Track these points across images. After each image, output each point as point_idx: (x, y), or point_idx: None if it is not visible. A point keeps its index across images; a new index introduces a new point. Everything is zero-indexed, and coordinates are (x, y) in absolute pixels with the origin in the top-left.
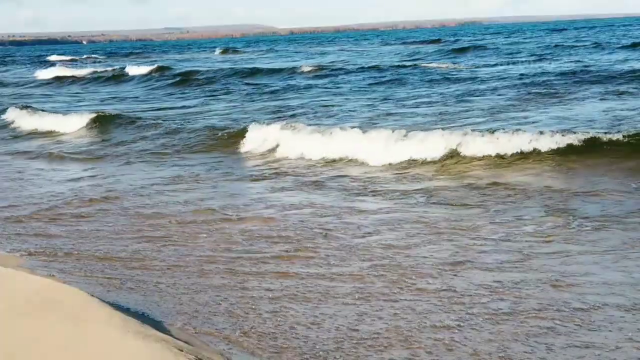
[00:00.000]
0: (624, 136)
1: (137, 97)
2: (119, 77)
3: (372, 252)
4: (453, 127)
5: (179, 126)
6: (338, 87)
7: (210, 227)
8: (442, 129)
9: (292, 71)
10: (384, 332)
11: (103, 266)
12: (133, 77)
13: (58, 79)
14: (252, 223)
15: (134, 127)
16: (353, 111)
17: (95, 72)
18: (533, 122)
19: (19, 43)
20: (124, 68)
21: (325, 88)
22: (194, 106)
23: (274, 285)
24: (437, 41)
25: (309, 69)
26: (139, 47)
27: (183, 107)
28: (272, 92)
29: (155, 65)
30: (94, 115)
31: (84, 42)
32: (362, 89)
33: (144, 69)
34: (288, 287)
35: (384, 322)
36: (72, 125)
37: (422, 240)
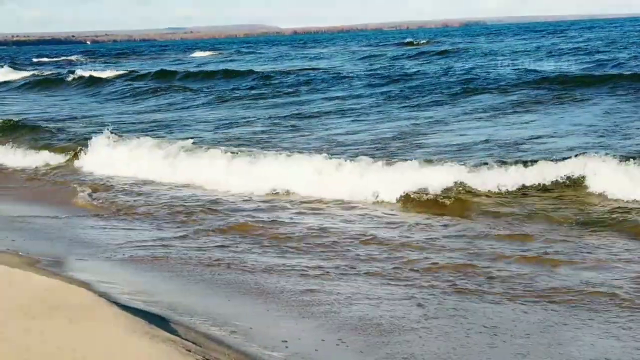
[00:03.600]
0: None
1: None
2: (59, 82)
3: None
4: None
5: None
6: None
7: None
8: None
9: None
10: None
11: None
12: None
13: (6, 83)
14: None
15: None
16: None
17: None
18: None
19: (22, 43)
20: (73, 71)
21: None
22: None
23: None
24: (427, 42)
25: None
26: (137, 48)
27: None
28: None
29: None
30: None
31: (88, 42)
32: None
33: (108, 73)
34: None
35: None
36: None
37: None
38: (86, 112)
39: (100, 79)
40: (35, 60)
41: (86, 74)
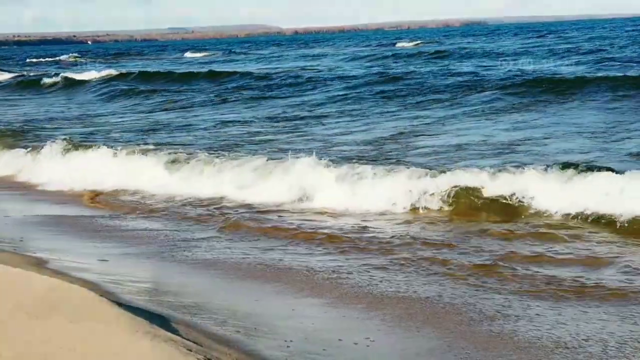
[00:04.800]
0: None
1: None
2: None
3: None
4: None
5: None
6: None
7: None
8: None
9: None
10: None
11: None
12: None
13: None
14: None
15: None
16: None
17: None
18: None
19: (24, 43)
20: (58, 74)
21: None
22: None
23: None
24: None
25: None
26: (136, 48)
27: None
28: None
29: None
30: None
31: (89, 42)
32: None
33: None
34: None
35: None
36: None
37: None
38: (67, 113)
39: (81, 80)
40: (28, 60)
41: (72, 75)
